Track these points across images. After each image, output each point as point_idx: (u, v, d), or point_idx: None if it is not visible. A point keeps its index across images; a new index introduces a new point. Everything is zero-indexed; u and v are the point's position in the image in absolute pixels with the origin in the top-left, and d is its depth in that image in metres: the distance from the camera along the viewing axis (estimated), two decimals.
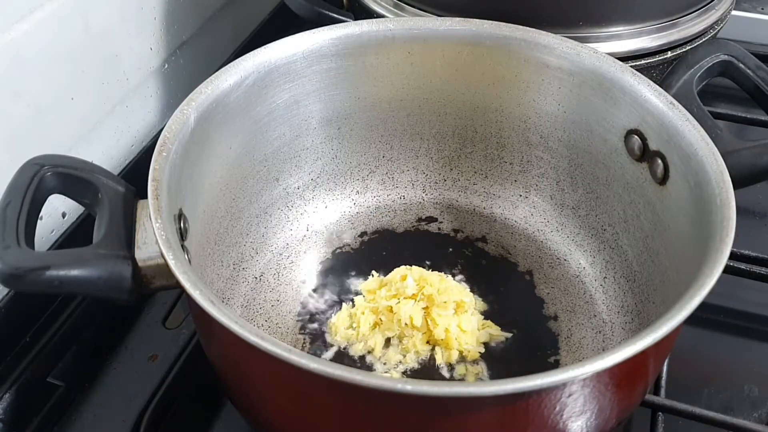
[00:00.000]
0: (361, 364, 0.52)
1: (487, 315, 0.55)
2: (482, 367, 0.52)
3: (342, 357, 0.52)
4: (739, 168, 0.47)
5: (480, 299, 0.56)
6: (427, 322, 0.52)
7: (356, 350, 0.52)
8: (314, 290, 0.56)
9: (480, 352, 0.52)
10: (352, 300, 0.55)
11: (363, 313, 0.53)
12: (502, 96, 0.58)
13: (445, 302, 0.52)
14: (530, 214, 0.61)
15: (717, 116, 0.69)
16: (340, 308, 0.55)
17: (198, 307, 0.37)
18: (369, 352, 0.52)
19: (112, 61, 0.64)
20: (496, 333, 0.53)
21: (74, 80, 0.60)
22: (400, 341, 0.52)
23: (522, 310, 0.55)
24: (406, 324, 0.52)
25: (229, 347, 0.41)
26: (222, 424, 0.51)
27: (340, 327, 0.53)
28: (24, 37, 0.54)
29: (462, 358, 0.52)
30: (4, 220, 0.41)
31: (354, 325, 0.53)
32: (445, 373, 0.51)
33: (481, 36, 0.56)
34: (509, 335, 0.53)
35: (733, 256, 0.41)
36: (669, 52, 0.62)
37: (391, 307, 0.52)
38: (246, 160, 0.55)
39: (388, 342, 0.53)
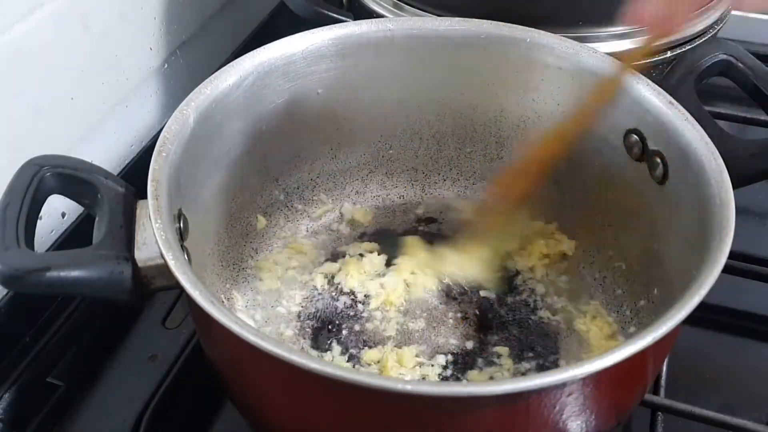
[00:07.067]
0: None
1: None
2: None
3: (344, 357, 0.52)
4: (738, 168, 0.47)
5: None
6: None
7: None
8: (314, 291, 0.56)
9: None
10: (352, 300, 0.55)
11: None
12: (501, 96, 0.58)
13: None
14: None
15: (717, 116, 0.69)
16: (340, 308, 0.55)
17: (198, 307, 0.37)
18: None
19: (112, 61, 0.64)
20: None
21: (74, 80, 0.60)
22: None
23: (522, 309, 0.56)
24: None
25: (229, 347, 0.41)
26: (222, 424, 0.51)
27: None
28: (24, 37, 0.54)
29: None
30: (4, 221, 0.41)
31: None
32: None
33: (481, 36, 0.56)
34: None
35: (733, 256, 0.42)
36: (669, 52, 0.62)
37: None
38: (246, 159, 0.55)
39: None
